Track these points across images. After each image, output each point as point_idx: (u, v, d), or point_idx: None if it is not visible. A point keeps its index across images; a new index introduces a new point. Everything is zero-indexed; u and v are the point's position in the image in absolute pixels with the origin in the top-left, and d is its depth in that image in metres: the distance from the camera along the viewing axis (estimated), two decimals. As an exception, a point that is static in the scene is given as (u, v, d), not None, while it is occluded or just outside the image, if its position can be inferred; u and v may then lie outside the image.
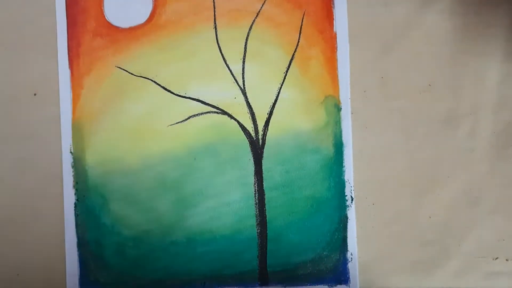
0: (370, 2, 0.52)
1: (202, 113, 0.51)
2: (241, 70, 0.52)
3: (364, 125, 0.52)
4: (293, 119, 0.51)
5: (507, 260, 0.51)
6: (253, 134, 0.51)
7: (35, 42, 0.51)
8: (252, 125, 0.51)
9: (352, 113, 0.52)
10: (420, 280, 0.51)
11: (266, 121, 0.52)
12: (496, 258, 0.51)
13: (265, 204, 0.51)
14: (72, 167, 0.51)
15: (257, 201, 0.51)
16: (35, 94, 0.51)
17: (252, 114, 0.52)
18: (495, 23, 0.52)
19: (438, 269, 0.51)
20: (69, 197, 0.51)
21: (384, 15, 0.52)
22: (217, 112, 0.51)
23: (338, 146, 0.52)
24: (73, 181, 0.51)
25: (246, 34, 0.52)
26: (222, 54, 0.52)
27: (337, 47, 0.52)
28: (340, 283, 0.51)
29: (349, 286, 0.51)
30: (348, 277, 0.51)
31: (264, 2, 0.52)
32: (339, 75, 0.52)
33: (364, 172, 0.51)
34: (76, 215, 0.51)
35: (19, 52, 0.51)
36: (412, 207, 0.51)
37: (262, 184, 0.51)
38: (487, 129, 0.51)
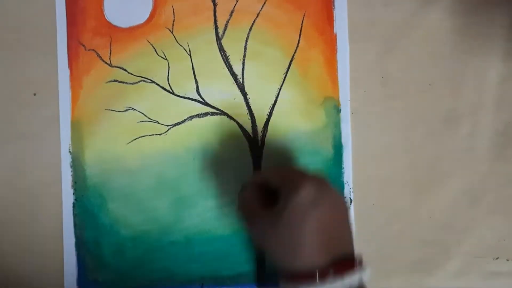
0: (370, 2, 0.52)
1: (201, 114, 0.51)
2: (241, 70, 0.52)
3: (364, 125, 0.52)
4: (293, 120, 0.51)
5: (507, 260, 0.51)
6: (252, 135, 0.51)
7: (34, 41, 0.51)
8: (252, 126, 0.51)
9: (352, 113, 0.52)
10: (420, 280, 0.51)
11: (265, 122, 0.51)
12: (497, 258, 0.51)
13: (264, 204, 0.51)
14: (71, 166, 0.51)
15: (256, 201, 0.51)
16: (35, 94, 0.51)
17: (252, 115, 0.51)
18: (495, 23, 0.52)
19: (438, 269, 0.51)
20: (68, 196, 0.50)
21: (384, 15, 0.52)
22: (216, 113, 0.51)
23: (337, 148, 0.51)
24: (72, 180, 0.51)
25: (246, 34, 0.52)
26: (222, 55, 0.52)
27: (337, 48, 0.52)
28: (340, 284, 0.51)
29: (349, 287, 0.51)
30: (348, 278, 0.51)
31: (265, 3, 0.52)
32: (339, 77, 0.52)
33: (364, 172, 0.51)
34: (75, 215, 0.50)
35: (19, 51, 0.51)
36: (412, 207, 0.51)
37: (261, 184, 0.51)
38: (487, 129, 0.51)
